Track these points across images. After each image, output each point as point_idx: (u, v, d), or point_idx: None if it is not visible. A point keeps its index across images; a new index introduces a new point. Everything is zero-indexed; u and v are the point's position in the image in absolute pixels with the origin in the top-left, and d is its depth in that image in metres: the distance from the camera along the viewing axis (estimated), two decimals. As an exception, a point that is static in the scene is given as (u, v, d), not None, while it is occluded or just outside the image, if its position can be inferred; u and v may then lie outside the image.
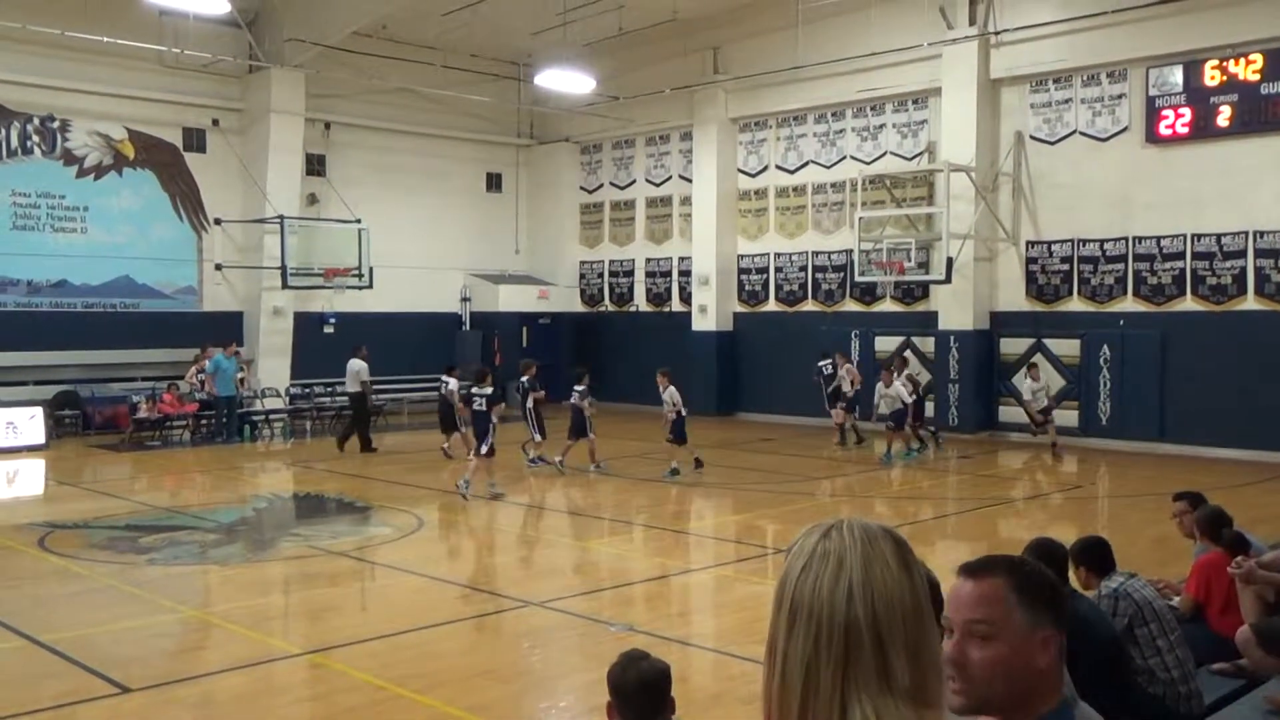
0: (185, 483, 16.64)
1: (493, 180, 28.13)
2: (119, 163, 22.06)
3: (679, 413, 16.03)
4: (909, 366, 19.87)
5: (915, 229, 20.92)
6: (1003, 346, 20.37)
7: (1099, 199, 19.02)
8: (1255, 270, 17.50)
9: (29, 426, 19.04)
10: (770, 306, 24.19)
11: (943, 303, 20.69)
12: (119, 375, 21.53)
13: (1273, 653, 5.26)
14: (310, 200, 24.25)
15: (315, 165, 24.38)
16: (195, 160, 22.99)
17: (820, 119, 23.04)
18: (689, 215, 25.34)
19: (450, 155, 26.80)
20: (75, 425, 20.66)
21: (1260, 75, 17.13)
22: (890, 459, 17.50)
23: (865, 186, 21.53)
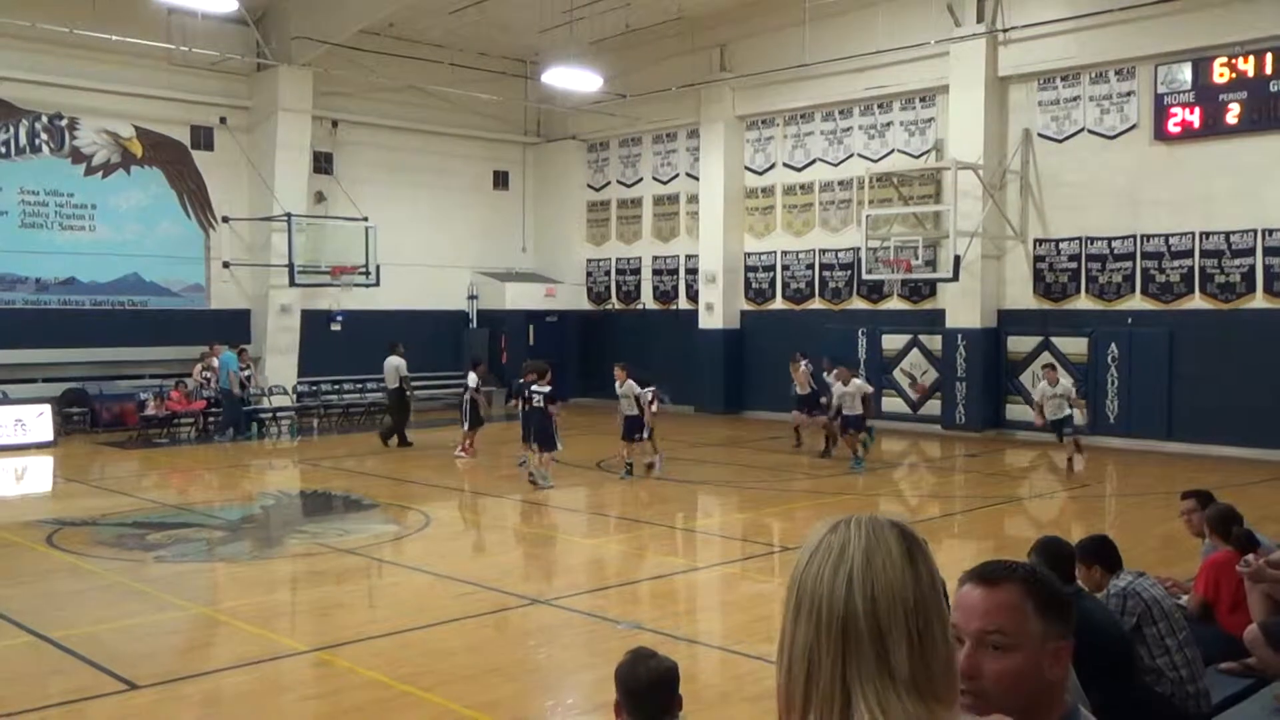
0: (193, 480, 16.67)
1: (500, 178, 28.14)
2: (127, 161, 22.10)
3: (643, 408, 15.17)
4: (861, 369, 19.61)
5: (923, 227, 20.90)
6: (1010, 345, 20.30)
7: (1107, 197, 18.96)
8: (1264, 268, 17.43)
9: (37, 424, 19.10)
10: (777, 304, 24.16)
11: (950, 301, 20.64)
12: (127, 373, 21.59)
13: (1281, 651, 5.24)
14: (318, 198, 24.30)
15: (322, 163, 24.42)
16: (203, 158, 23.04)
17: (827, 117, 23.00)
18: (696, 213, 25.33)
19: (457, 153, 26.80)
20: (83, 422, 20.70)
21: (1270, 72, 17.06)
22: (860, 465, 16.33)
23: (872, 184, 21.49)
